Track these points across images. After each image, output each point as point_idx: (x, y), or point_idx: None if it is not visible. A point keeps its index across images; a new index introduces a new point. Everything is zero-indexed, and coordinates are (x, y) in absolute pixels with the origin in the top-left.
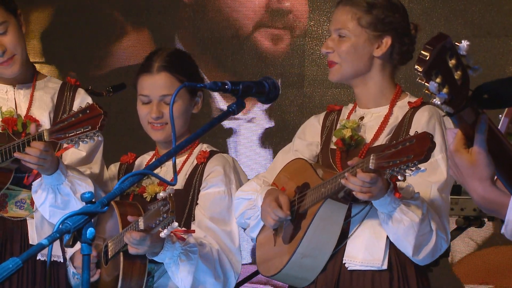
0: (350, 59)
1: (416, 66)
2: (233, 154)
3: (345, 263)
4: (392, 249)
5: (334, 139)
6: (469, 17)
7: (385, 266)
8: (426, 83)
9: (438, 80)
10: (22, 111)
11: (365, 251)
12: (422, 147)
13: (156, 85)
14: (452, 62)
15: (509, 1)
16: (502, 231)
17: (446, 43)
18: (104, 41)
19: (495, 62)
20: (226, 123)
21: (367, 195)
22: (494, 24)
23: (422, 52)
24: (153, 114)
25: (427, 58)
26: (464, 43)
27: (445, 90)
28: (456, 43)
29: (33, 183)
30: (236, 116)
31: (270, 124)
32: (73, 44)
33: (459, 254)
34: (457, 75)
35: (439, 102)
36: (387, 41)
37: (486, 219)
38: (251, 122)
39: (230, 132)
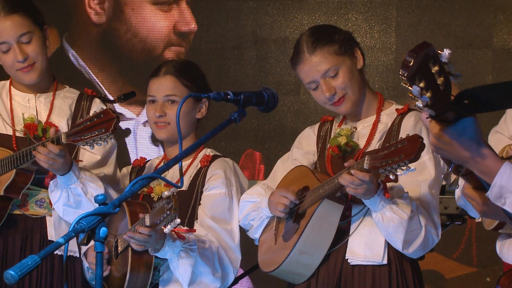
0: (352, 83)
1: (400, 71)
2: (133, 150)
3: (347, 259)
4: (391, 246)
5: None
6: (452, 30)
7: (385, 261)
8: (409, 87)
9: (421, 84)
10: (42, 118)
11: (366, 247)
12: (413, 148)
13: (161, 86)
14: (435, 69)
15: (489, 16)
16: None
17: (429, 51)
18: None
19: (476, 72)
20: (125, 124)
21: (355, 191)
22: (475, 37)
23: (406, 58)
24: (156, 112)
25: (411, 64)
26: (446, 52)
27: (428, 94)
28: (438, 51)
29: (50, 183)
30: (132, 118)
31: None
32: None
33: None
34: (440, 80)
35: (421, 105)
36: (358, 52)
37: (467, 217)
38: (145, 126)
39: (128, 132)
